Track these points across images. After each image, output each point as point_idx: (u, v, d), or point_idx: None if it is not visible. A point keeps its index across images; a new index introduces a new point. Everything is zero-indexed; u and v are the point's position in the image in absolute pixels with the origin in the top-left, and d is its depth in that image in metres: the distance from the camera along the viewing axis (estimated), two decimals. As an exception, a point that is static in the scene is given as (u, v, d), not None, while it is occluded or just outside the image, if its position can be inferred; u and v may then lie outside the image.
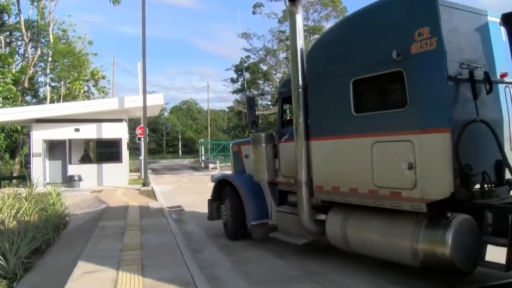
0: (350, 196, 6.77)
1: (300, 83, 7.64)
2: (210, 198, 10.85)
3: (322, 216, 7.59)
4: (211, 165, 38.59)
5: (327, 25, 53.27)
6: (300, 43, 7.74)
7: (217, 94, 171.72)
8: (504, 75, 6.43)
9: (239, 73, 60.06)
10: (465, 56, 6.06)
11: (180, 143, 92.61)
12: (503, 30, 6.51)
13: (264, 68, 54.49)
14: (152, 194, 19.13)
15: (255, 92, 45.69)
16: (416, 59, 5.73)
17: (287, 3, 7.74)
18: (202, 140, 57.20)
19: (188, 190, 18.33)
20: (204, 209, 12.50)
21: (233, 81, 62.87)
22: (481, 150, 6.01)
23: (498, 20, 6.52)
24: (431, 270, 6.15)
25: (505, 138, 6.32)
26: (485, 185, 5.89)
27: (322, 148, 7.37)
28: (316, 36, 50.73)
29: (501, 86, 6.54)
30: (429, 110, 5.66)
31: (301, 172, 7.63)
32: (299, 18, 7.79)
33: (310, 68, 7.58)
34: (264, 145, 8.76)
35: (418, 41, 5.69)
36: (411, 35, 5.76)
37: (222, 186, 10.49)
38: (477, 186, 5.91)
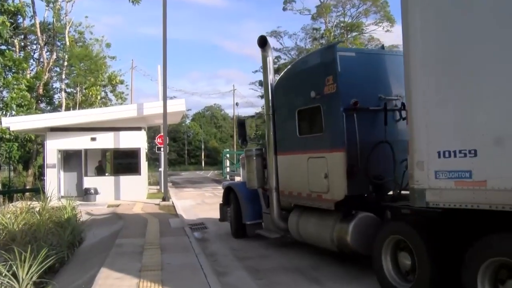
0: (297, 199, 9.68)
1: (270, 110, 10.61)
2: (221, 202, 13.81)
3: (287, 215, 10.28)
4: (237, 178, 38.52)
5: (366, 21, 52.98)
6: (270, 77, 10.70)
7: (243, 99, 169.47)
8: None
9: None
10: (384, 91, 8.61)
11: (203, 154, 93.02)
12: None
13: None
14: (172, 210, 19.21)
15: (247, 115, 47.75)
16: (327, 98, 8.54)
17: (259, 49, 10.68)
18: (227, 149, 57.14)
19: (212, 205, 18.30)
20: (230, 227, 12.73)
21: (261, 84, 62.95)
22: (395, 164, 8.25)
23: None
24: (345, 253, 8.66)
25: None
26: (397, 191, 8.22)
27: (282, 161, 10.30)
28: (354, 34, 50.49)
29: None
30: (333, 135, 8.45)
31: (272, 179, 10.52)
32: (270, 59, 10.77)
33: (275, 99, 10.58)
34: (254, 158, 11.48)
35: (327, 85, 8.48)
36: (324, 81, 8.56)
37: (229, 192, 13.29)
38: (391, 192, 8.40)
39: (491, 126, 5.52)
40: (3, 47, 33.55)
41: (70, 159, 25.12)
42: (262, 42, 10.55)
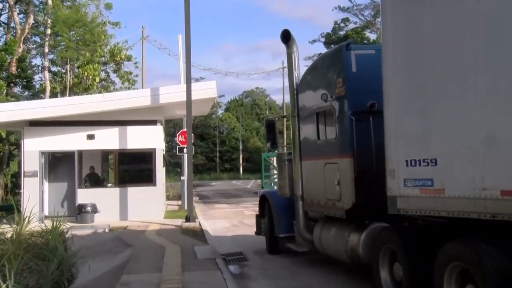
0: (317, 207, 12.13)
1: (295, 111, 13.11)
2: (257, 213, 16.52)
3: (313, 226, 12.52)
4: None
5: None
6: (296, 75, 13.22)
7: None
8: None
9: (332, 46, 59.71)
10: None
11: (241, 156, 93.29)
12: None
13: (373, 37, 53.60)
14: (199, 234, 19.25)
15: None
16: (337, 101, 10.92)
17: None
18: (274, 151, 56.73)
19: (254, 228, 18.12)
20: (279, 257, 13.78)
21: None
22: None
23: None
24: (358, 266, 10.77)
25: None
26: None
27: (305, 168, 12.73)
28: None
29: None
30: (342, 140, 10.76)
31: (298, 187, 12.87)
32: (295, 55, 13.28)
33: (299, 100, 13.05)
34: (286, 163, 13.69)
35: (338, 88, 10.85)
36: (335, 83, 10.99)
37: (264, 202, 15.75)
38: None
39: (448, 136, 7.62)
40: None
41: (57, 164, 25.43)
42: (286, 37, 13.15)
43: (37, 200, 22.58)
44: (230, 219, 25.19)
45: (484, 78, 6.93)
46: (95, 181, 25.85)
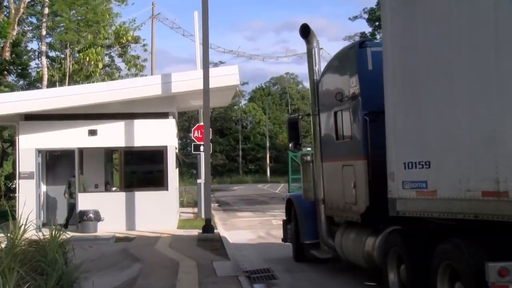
0: (337, 211, 13.48)
1: (316, 109, 14.61)
2: (284, 219, 17.86)
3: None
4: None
5: None
6: (316, 70, 14.74)
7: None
8: None
9: (376, 23, 59.43)
10: None
11: (268, 156, 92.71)
12: None
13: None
14: (219, 247, 19.27)
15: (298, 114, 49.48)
16: (352, 101, 12.28)
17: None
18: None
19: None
20: (312, 272, 13.41)
21: (364, 37, 62.13)
22: None
23: None
24: (376, 270, 11.73)
25: None
26: None
27: (325, 169, 14.20)
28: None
29: None
30: (357, 141, 12.12)
31: (320, 190, 14.27)
32: (315, 51, 14.78)
33: (319, 99, 14.56)
34: (311, 164, 14.95)
35: (352, 87, 12.27)
36: (350, 82, 12.36)
37: (290, 206, 17.00)
38: None
39: (439, 139, 8.98)
40: None
41: (56, 164, 25.73)
42: (305, 32, 14.56)
43: (34, 205, 22.60)
44: (255, 229, 25.32)
45: (465, 92, 8.32)
46: (82, 185, 25.31)
